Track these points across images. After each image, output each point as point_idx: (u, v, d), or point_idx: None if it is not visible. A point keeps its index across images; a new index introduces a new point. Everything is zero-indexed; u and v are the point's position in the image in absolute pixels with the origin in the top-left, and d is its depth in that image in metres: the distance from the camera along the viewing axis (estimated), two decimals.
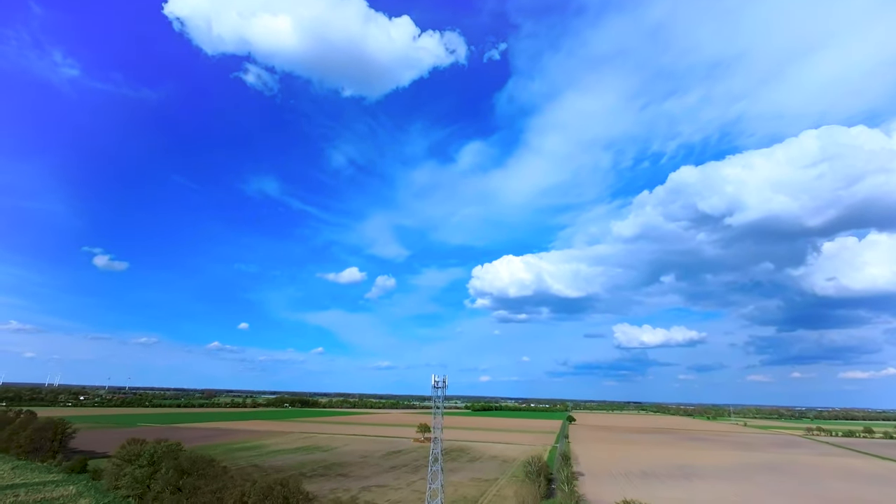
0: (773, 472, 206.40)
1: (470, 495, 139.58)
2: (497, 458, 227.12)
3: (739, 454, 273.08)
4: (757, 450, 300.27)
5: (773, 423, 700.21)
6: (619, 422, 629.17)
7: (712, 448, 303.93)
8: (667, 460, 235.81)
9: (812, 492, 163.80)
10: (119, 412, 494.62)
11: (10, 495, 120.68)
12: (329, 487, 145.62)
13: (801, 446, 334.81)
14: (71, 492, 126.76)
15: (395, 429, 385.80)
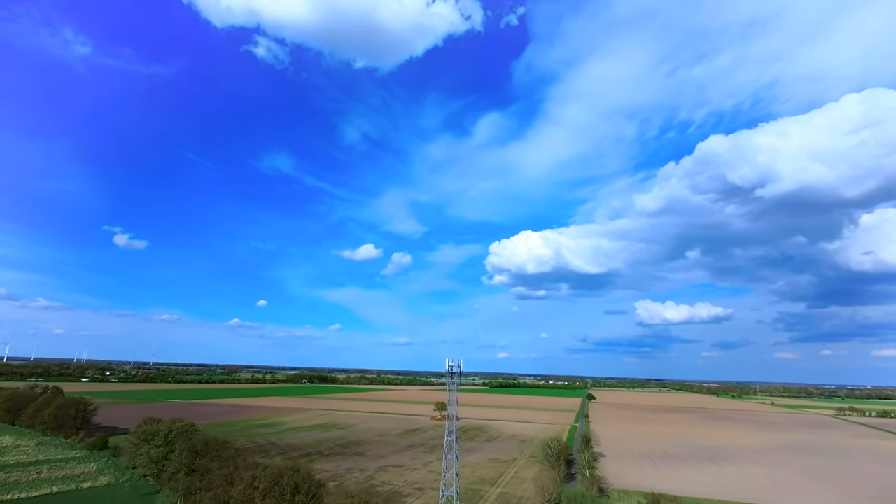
0: (804, 453, 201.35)
1: (487, 477, 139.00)
2: (515, 437, 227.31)
3: (767, 435, 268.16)
4: (786, 430, 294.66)
5: (801, 402, 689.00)
6: (639, 400, 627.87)
7: (739, 428, 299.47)
8: (691, 441, 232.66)
9: (844, 475, 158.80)
10: (142, 388, 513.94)
11: (33, 472, 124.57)
12: (345, 467, 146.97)
13: (832, 427, 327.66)
14: (92, 469, 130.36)
15: (412, 406, 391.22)
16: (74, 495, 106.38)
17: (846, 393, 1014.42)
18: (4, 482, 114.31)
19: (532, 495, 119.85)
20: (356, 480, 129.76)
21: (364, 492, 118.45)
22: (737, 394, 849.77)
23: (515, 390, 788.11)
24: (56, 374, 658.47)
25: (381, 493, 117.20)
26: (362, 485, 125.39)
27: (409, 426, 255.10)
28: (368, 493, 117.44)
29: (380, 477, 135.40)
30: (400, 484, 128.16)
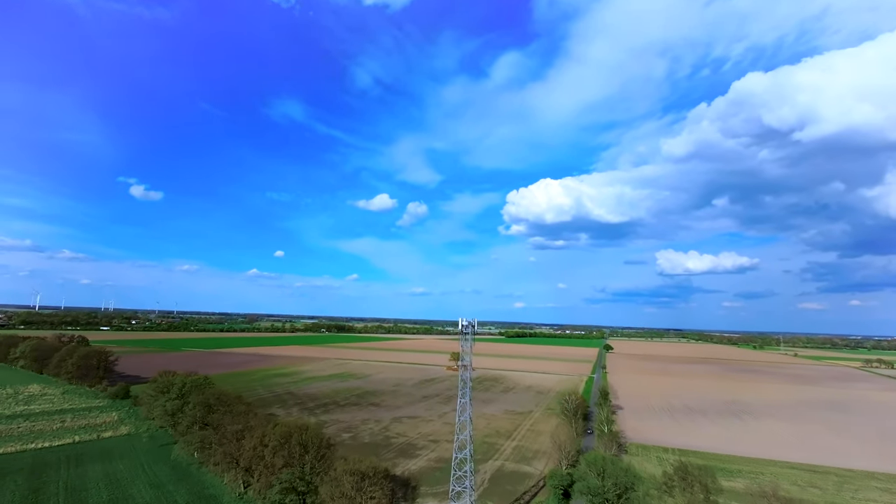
0: (832, 409, 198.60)
1: (503, 429, 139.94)
2: (531, 388, 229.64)
3: (792, 388, 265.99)
4: (811, 384, 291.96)
5: (826, 353, 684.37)
6: (658, 350, 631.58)
7: (763, 381, 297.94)
8: (713, 394, 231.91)
9: (875, 432, 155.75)
10: (166, 336, 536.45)
11: (57, 421, 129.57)
12: (361, 418, 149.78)
13: (861, 380, 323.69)
14: (113, 418, 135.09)
15: (428, 356, 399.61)
16: (95, 445, 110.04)
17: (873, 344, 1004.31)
18: (30, 431, 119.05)
19: (548, 449, 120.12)
20: (371, 432, 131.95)
21: (379, 444, 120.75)
22: (758, 344, 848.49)
23: (532, 340, 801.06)
24: (84, 322, 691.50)
25: (396, 446, 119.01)
26: (377, 437, 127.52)
27: (425, 376, 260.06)
28: (383, 445, 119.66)
29: (395, 428, 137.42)
30: (415, 436, 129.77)
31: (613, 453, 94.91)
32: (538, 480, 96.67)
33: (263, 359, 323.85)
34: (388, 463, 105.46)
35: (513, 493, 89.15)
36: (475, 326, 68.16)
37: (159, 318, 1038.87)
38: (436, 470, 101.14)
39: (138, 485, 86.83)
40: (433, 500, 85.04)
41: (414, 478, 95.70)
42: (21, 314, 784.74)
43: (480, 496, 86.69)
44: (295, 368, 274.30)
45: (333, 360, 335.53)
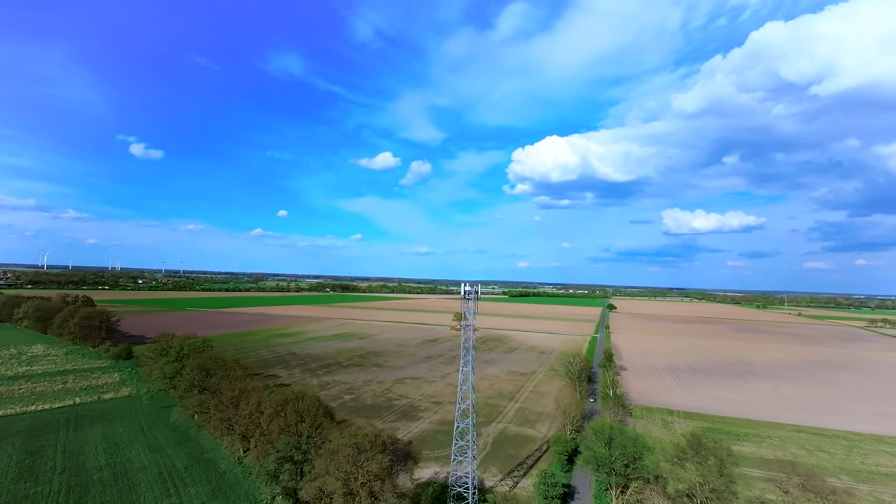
0: (839, 369, 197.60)
1: (506, 391, 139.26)
2: (534, 348, 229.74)
3: (799, 348, 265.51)
4: (816, 344, 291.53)
5: (830, 312, 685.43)
6: (662, 309, 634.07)
7: (767, 341, 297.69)
8: (717, 354, 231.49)
9: (884, 394, 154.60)
10: (172, 296, 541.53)
11: (58, 382, 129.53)
12: (363, 379, 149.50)
13: (865, 340, 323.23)
14: (115, 380, 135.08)
15: (432, 315, 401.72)
16: (96, 407, 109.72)
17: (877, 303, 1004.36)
18: (31, 392, 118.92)
19: (551, 412, 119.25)
20: (373, 394, 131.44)
21: (381, 406, 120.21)
22: (762, 304, 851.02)
23: (535, 300, 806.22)
24: (91, 282, 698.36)
25: (398, 407, 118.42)
26: (379, 398, 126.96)
27: (429, 336, 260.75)
28: (385, 407, 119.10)
29: (397, 390, 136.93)
30: (417, 397, 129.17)
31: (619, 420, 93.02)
32: (541, 444, 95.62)
33: (267, 319, 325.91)
34: (389, 426, 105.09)
35: (515, 458, 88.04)
36: (479, 292, 63.74)
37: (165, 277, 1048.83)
38: (438, 433, 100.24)
39: (137, 448, 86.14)
40: (435, 465, 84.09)
41: (416, 442, 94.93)
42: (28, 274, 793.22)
43: (483, 460, 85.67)
44: (298, 328, 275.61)
45: (337, 319, 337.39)
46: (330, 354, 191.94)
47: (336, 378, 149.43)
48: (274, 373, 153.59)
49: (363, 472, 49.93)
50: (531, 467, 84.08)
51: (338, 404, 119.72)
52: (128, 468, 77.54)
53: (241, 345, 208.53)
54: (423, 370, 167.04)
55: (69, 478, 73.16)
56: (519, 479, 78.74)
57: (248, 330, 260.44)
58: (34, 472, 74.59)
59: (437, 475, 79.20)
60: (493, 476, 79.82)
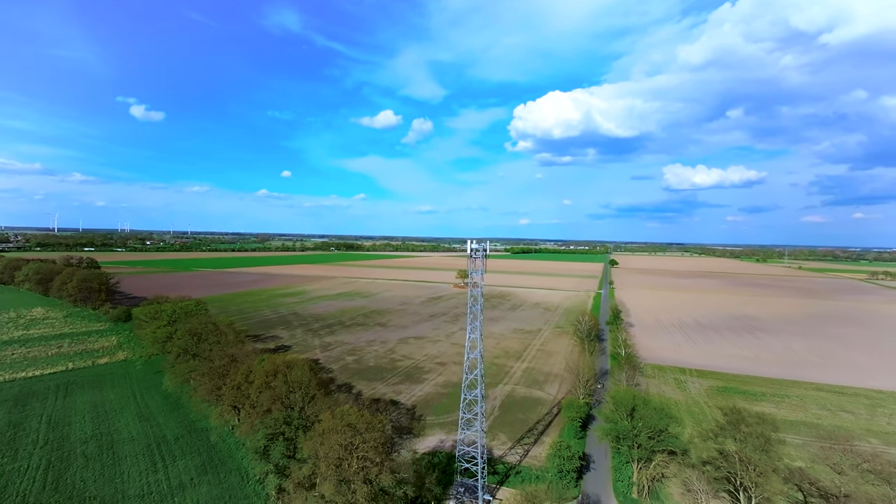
0: (848, 323, 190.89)
1: (512, 350, 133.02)
2: (539, 305, 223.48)
3: (802, 302, 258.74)
4: (820, 297, 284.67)
5: (829, 265, 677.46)
6: (663, 264, 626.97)
7: (771, 295, 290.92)
8: (722, 309, 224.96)
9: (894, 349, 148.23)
10: (179, 256, 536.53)
11: (54, 347, 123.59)
12: (366, 339, 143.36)
13: (869, 293, 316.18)
14: (112, 343, 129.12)
15: (435, 273, 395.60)
16: (89, 372, 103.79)
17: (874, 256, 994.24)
18: (24, 358, 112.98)
19: (559, 371, 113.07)
20: (376, 355, 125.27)
21: (384, 368, 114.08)
22: (761, 258, 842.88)
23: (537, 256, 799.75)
24: (99, 244, 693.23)
25: (401, 369, 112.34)
26: (382, 359, 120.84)
27: (432, 294, 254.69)
28: (388, 369, 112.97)
29: (401, 350, 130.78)
30: (421, 358, 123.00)
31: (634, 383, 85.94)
32: (551, 407, 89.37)
33: (272, 278, 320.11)
34: (392, 389, 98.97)
35: (524, 423, 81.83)
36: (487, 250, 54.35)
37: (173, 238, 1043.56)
38: (443, 396, 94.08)
39: (126, 417, 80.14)
40: (440, 431, 77.89)
41: (419, 406, 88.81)
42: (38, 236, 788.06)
43: (491, 426, 79.47)
44: (302, 288, 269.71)
45: (341, 278, 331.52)
46: (333, 314, 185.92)
47: (338, 338, 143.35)
48: (275, 334, 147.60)
49: (357, 457, 42.49)
50: (542, 433, 77.89)
51: (339, 366, 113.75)
52: (115, 439, 71.54)
53: (243, 305, 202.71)
54: (426, 329, 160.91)
55: (50, 452, 67.15)
56: (530, 447, 72.52)
57: (251, 290, 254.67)
58: (14, 447, 68.58)
59: (443, 444, 73.01)
60: (502, 444, 73.60)
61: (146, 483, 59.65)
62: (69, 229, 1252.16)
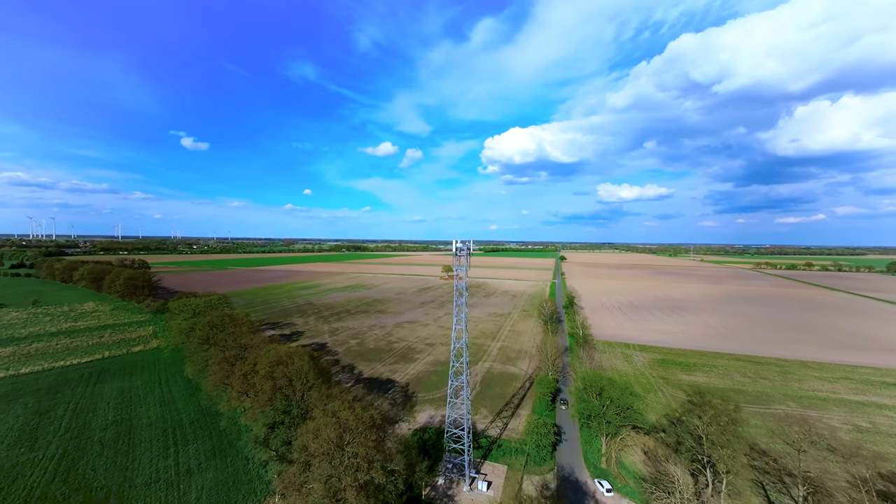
0: (748, 303, 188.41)
1: (488, 331, 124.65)
2: (508, 293, 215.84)
3: (708, 287, 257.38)
4: (721, 283, 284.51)
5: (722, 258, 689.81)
6: (600, 259, 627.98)
7: (685, 282, 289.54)
8: (649, 293, 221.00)
9: (783, 321, 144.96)
10: (218, 258, 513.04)
11: (95, 336, 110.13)
12: (368, 324, 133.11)
13: (757, 279, 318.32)
14: (148, 332, 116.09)
15: (425, 268, 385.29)
16: (122, 360, 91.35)
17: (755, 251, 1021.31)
18: (66, 348, 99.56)
19: (528, 349, 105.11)
20: (376, 337, 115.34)
21: (382, 350, 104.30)
22: (672, 252, 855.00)
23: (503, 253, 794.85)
24: (154, 248, 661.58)
25: (397, 350, 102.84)
26: (381, 342, 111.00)
27: (423, 285, 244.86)
28: (385, 350, 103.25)
29: (396, 333, 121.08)
30: (413, 339, 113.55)
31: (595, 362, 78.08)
32: (524, 382, 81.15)
33: (293, 274, 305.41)
34: (389, 368, 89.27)
35: (502, 397, 73.40)
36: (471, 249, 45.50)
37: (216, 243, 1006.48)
38: (432, 374, 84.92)
39: (149, 402, 68.83)
40: (430, 407, 68.86)
41: (412, 383, 79.62)
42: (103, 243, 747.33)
43: (474, 400, 70.82)
44: (317, 282, 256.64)
45: (349, 273, 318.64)
46: (341, 303, 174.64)
47: (344, 324, 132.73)
48: (291, 321, 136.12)
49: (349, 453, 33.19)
50: (518, 406, 69.52)
51: (344, 349, 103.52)
52: (134, 425, 60.43)
53: (267, 297, 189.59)
54: (419, 314, 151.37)
55: (68, 440, 55.78)
56: (508, 420, 64.07)
57: (275, 284, 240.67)
58: (34, 436, 56.96)
59: (432, 419, 63.99)
60: (484, 418, 64.97)
61: (155, 470, 49.08)
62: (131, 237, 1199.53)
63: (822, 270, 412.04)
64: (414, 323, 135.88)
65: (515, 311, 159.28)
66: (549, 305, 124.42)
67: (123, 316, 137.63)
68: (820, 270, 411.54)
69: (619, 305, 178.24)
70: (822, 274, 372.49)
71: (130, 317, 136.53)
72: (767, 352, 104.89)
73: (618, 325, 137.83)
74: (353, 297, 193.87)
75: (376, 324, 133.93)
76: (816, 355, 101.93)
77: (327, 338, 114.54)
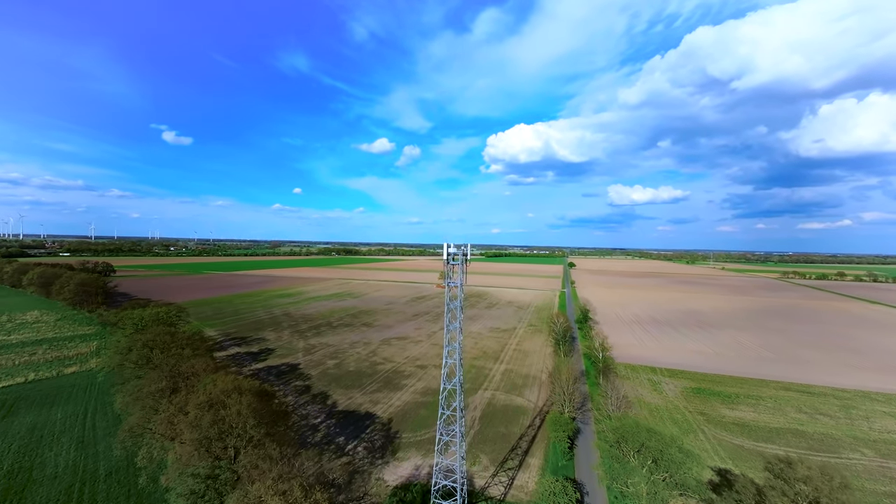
0: (782, 318, 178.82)
1: (490, 350, 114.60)
2: (512, 303, 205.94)
3: (734, 298, 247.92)
4: (747, 294, 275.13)
5: (743, 266, 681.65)
6: (611, 266, 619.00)
7: (706, 292, 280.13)
8: (670, 305, 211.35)
9: (839, 342, 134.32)
10: (196, 260, 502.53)
11: (27, 353, 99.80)
12: (350, 340, 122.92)
13: (785, 290, 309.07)
14: (91, 349, 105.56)
15: (421, 274, 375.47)
16: (49, 384, 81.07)
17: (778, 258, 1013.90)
18: None
19: (537, 373, 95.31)
20: (358, 358, 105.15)
21: (364, 373, 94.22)
22: (689, 259, 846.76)
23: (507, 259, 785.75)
24: (127, 249, 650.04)
25: (381, 374, 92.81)
26: (363, 363, 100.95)
27: (416, 294, 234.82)
28: (368, 374, 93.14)
29: (382, 352, 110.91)
30: (402, 360, 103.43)
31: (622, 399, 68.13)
32: (533, 418, 71.12)
33: (273, 280, 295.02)
34: (369, 398, 78.95)
35: (506, 438, 63.35)
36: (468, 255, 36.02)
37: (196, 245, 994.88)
38: (421, 406, 74.83)
39: (63, 444, 58.64)
40: (416, 454, 58.68)
41: (396, 419, 69.47)
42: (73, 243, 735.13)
43: (471, 444, 60.80)
44: (299, 289, 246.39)
45: (337, 279, 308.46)
46: (323, 314, 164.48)
47: (323, 340, 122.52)
48: (263, 335, 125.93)
49: None
50: (526, 452, 59.49)
51: (319, 372, 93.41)
52: (33, 478, 50.23)
53: (240, 305, 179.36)
54: (409, 329, 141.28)
55: None
56: (515, 473, 54.01)
57: (251, 291, 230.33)
58: None
59: (419, 471, 53.88)
60: (484, 469, 54.89)
61: None
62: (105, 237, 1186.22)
63: (855, 281, 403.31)
64: (404, 339, 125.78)
65: (521, 326, 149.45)
66: (561, 320, 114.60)
67: (68, 328, 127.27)
68: (853, 281, 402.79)
69: (637, 319, 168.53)
70: (856, 285, 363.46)
71: (76, 329, 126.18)
72: (819, 379, 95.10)
73: (639, 343, 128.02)
74: (337, 306, 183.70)
75: (360, 340, 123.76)
76: (879, 384, 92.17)
77: (301, 357, 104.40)
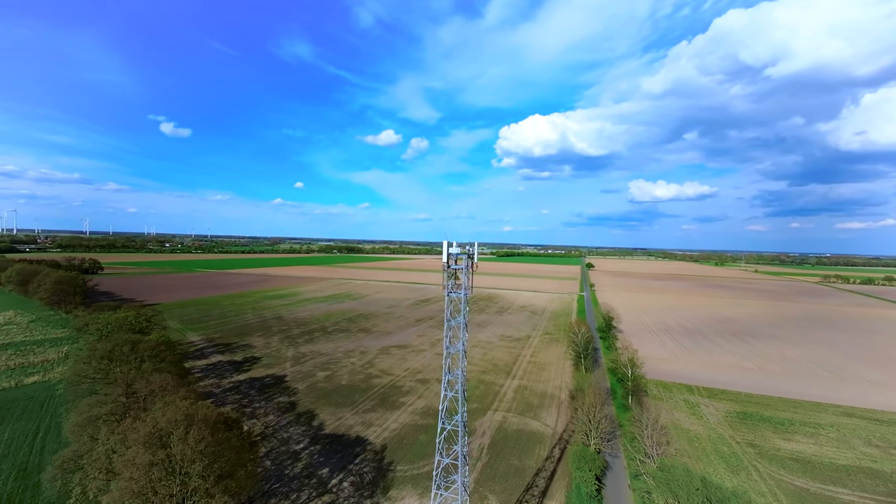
0: (829, 327, 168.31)
1: (501, 362, 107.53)
2: (525, 308, 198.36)
3: (770, 304, 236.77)
4: (785, 299, 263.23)
5: (777, 268, 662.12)
6: (632, 267, 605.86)
7: (739, 297, 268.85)
8: (701, 311, 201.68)
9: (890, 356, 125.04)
10: (190, 258, 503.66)
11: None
12: (345, 349, 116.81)
13: (827, 295, 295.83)
14: (59, 355, 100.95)
15: (426, 275, 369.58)
16: (5, 395, 76.28)
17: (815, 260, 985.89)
18: None
19: (554, 391, 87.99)
20: (352, 369, 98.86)
21: (357, 388, 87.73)
22: (718, 261, 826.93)
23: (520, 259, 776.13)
24: (121, 245, 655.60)
25: (377, 389, 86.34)
26: (357, 375, 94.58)
27: (421, 296, 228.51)
28: (362, 389, 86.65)
29: (380, 363, 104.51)
30: (401, 373, 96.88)
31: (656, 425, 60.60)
32: (551, 448, 63.90)
33: (268, 279, 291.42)
34: (361, 419, 71.98)
35: (521, 474, 56.26)
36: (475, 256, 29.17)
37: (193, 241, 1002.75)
38: (420, 430, 68.12)
39: (1, 471, 53.27)
40: (412, 491, 51.86)
41: (391, 446, 62.87)
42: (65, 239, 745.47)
43: (478, 482, 53.89)
44: (294, 289, 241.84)
45: (336, 279, 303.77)
46: (317, 318, 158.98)
47: (315, 348, 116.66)
48: (249, 342, 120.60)
49: None
50: (545, 493, 52.34)
51: (307, 385, 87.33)
52: None
53: (229, 307, 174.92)
54: (411, 336, 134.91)
55: None
56: None
57: (244, 291, 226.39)
58: None
59: None
60: None
61: None
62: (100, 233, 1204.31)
63: None
64: (404, 348, 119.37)
65: (536, 334, 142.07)
66: (582, 329, 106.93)
67: (40, 331, 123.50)
68: None
69: (666, 328, 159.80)
70: None
71: (48, 332, 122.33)
72: (887, 403, 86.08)
73: (670, 355, 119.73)
74: (333, 309, 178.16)
75: (356, 348, 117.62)
76: None
77: (288, 367, 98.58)
